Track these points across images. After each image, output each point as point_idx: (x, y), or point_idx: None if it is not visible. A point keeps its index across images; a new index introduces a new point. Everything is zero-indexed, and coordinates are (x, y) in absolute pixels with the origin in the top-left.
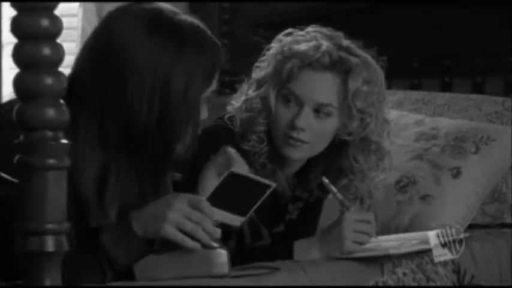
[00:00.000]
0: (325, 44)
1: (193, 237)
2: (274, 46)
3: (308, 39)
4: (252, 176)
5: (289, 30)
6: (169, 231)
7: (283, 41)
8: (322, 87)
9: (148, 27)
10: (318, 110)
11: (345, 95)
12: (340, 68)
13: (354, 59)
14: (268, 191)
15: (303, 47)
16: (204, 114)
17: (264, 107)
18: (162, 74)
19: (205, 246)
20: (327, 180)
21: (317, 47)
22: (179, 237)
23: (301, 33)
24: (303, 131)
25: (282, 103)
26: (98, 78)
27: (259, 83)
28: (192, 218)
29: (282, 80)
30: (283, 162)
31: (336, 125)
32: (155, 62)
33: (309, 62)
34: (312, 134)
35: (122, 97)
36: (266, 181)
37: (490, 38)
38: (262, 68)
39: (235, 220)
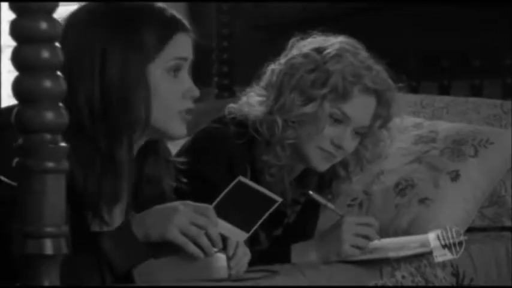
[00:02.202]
0: (382, 71)
1: (196, 244)
2: (332, 63)
3: (362, 60)
4: (259, 188)
5: (314, 37)
6: (174, 233)
7: (332, 54)
8: (370, 111)
9: (91, 9)
10: (357, 131)
11: (375, 117)
12: (382, 93)
13: (392, 84)
14: (274, 206)
15: (364, 72)
16: (181, 87)
17: (307, 121)
18: (99, 50)
19: (206, 253)
20: (312, 193)
21: (376, 74)
22: (182, 240)
23: (347, 47)
24: (343, 150)
25: (328, 121)
26: None
27: (309, 97)
28: (197, 223)
29: (338, 100)
30: (290, 171)
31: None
32: (92, 38)
33: (367, 88)
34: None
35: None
36: (273, 195)
37: (488, 41)
38: (309, 81)
39: (239, 235)
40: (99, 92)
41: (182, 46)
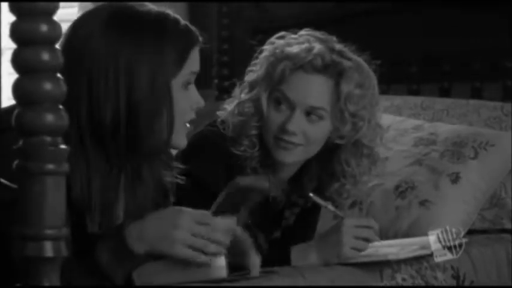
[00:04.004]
0: (318, 47)
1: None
2: (267, 49)
3: (301, 41)
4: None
5: (282, 33)
6: (181, 251)
7: (276, 43)
8: (314, 90)
9: (108, 18)
10: (309, 113)
11: (337, 98)
12: (333, 70)
13: (346, 62)
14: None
15: (295, 49)
16: (191, 99)
17: (256, 110)
18: (125, 64)
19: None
20: (312, 195)
21: (309, 50)
22: (191, 255)
23: (293, 36)
24: (294, 135)
25: (274, 106)
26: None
27: (252, 86)
28: (201, 233)
29: (274, 82)
30: (276, 167)
31: (328, 128)
32: (116, 52)
33: (301, 65)
34: (304, 137)
35: (88, 91)
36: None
37: (488, 43)
38: (254, 71)
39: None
40: (125, 107)
41: (196, 60)
